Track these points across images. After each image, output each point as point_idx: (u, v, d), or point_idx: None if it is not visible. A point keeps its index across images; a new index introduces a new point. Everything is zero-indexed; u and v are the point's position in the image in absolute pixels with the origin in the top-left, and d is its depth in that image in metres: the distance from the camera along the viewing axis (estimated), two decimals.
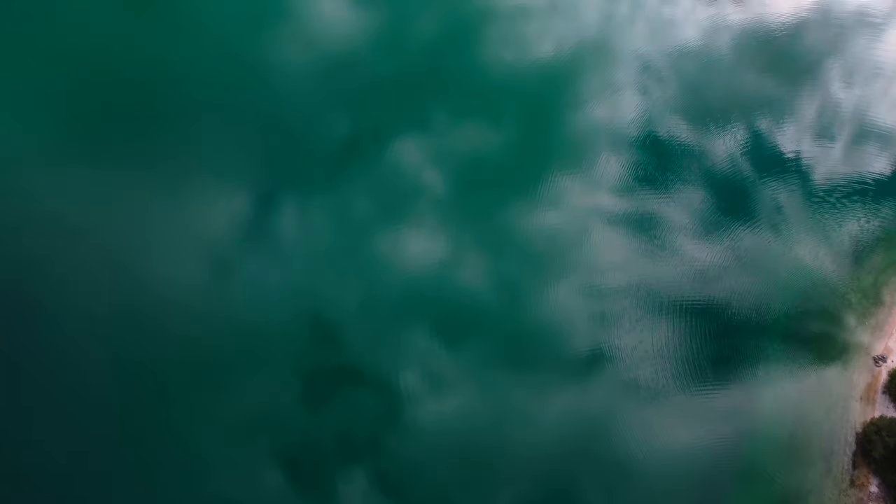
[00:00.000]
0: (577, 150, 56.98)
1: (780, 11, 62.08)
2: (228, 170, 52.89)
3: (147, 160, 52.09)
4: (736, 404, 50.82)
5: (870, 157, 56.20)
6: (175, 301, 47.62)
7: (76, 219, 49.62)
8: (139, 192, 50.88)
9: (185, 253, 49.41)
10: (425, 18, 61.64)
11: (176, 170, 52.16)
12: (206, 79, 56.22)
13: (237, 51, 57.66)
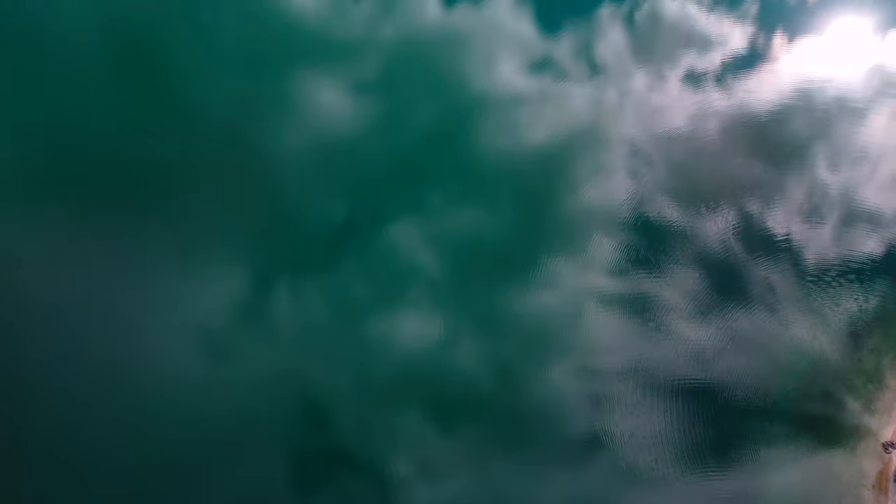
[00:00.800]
0: (571, 232, 58.16)
1: (764, 98, 64.59)
2: (222, 251, 54.30)
3: (140, 240, 53.65)
4: (740, 491, 49.49)
5: (860, 238, 56.83)
6: (163, 383, 47.90)
7: (63, 298, 50.68)
8: (130, 272, 52.13)
9: (175, 333, 50.07)
10: (423, 107, 64.60)
11: (169, 250, 53.58)
12: (203, 161, 58.60)
13: (235, 134, 60.36)
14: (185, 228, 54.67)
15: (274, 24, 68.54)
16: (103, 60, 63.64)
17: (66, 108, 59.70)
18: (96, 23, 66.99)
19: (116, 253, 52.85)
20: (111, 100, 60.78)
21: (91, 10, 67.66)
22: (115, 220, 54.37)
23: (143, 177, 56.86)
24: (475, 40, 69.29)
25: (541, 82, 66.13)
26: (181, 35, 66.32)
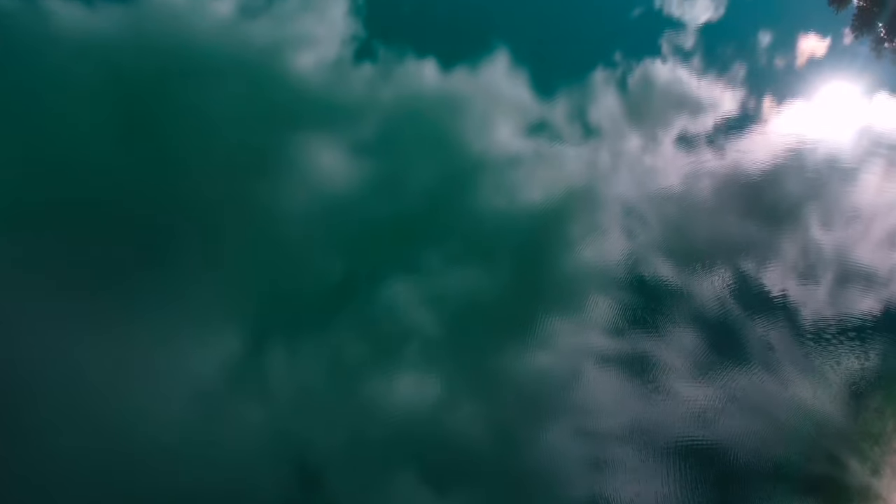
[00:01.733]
0: (567, 292, 58.37)
1: (757, 158, 66.02)
2: (216, 309, 54.44)
3: (129, 298, 53.96)
4: None
5: (857, 297, 56.97)
6: (154, 444, 47.42)
7: (53, 356, 50.75)
8: (118, 330, 52.19)
9: (167, 393, 49.73)
10: (420, 168, 65.88)
11: (160, 309, 53.75)
12: (198, 220, 59.38)
13: (232, 193, 61.40)
14: (178, 287, 54.98)
15: (273, 87, 70.91)
16: (100, 117, 65.53)
17: (63, 165, 61.13)
18: (96, 80, 69.41)
19: (106, 311, 53.12)
20: (108, 156, 62.12)
21: (91, 68, 70.20)
22: (105, 278, 54.89)
23: (137, 234, 57.65)
24: (472, 104, 71.50)
25: (536, 144, 67.72)
26: (180, 95, 68.57)
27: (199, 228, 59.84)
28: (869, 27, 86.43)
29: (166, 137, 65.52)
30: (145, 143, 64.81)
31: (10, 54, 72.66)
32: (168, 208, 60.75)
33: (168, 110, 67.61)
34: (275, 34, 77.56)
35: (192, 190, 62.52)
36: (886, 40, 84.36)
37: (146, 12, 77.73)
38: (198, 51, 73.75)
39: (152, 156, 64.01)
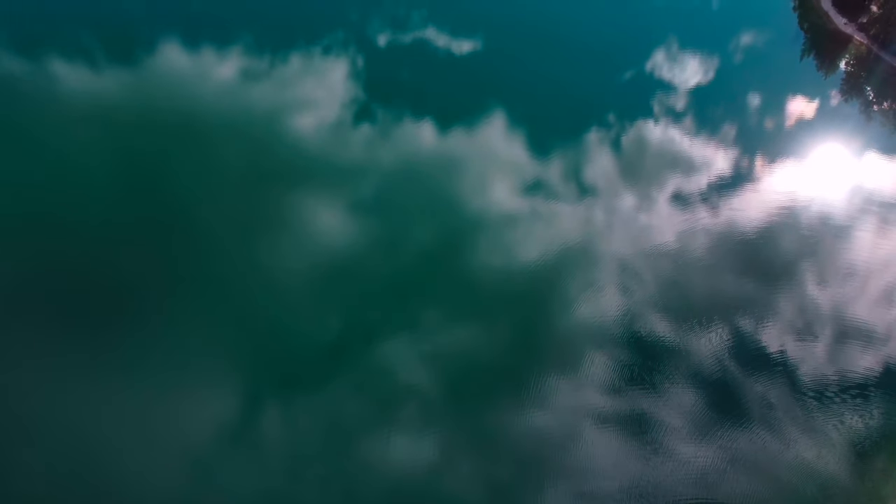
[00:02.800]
0: (564, 350, 58.36)
1: (750, 216, 67.17)
2: (211, 369, 54.47)
3: (125, 357, 54.18)
4: None
5: (855, 355, 56.82)
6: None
7: (38, 414, 50.52)
8: (113, 389, 52.23)
9: (158, 454, 49.30)
10: (418, 227, 67.07)
11: (156, 367, 53.86)
12: (196, 278, 60.19)
13: (229, 251, 62.40)
14: (174, 345, 55.30)
15: (274, 148, 72.88)
16: (103, 177, 67.58)
17: (65, 223, 62.59)
18: (99, 143, 71.43)
19: (101, 369, 53.34)
20: (110, 215, 63.90)
21: (95, 132, 72.40)
22: (102, 335, 55.29)
23: (135, 292, 58.33)
24: (469, 164, 73.24)
25: (533, 203, 69.12)
26: (182, 157, 70.49)
27: (198, 288, 60.45)
28: (857, 91, 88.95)
29: (167, 198, 66.98)
30: (147, 203, 66.27)
31: (18, 116, 74.99)
32: (168, 267, 61.63)
33: (170, 171, 69.35)
34: (276, 98, 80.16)
35: (191, 249, 63.45)
36: (875, 103, 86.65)
37: (150, 77, 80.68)
38: (200, 113, 76.13)
39: (153, 216, 65.29)
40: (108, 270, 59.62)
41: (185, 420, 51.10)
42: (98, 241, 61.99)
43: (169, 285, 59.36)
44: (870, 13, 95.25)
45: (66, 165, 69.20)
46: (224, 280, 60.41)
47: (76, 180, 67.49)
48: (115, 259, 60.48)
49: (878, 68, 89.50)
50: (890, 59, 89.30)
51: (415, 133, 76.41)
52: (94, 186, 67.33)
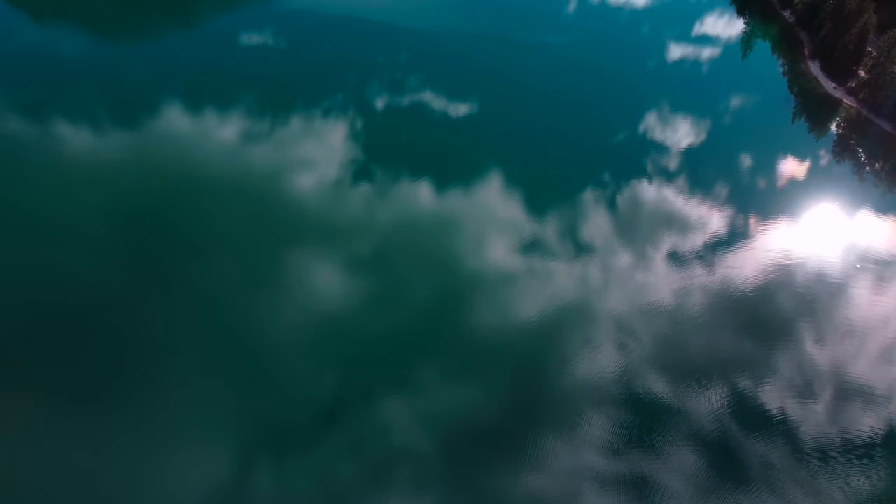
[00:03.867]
0: (562, 410, 57.80)
1: (746, 274, 67.62)
2: (208, 429, 53.91)
3: (122, 414, 53.75)
4: None
5: (857, 414, 56.18)
6: None
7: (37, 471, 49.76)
8: (110, 446, 51.59)
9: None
10: (416, 285, 67.44)
11: (151, 423, 53.37)
12: (195, 337, 60.25)
13: (227, 308, 62.65)
14: (170, 402, 54.96)
15: (274, 208, 74.06)
16: (104, 238, 68.69)
17: (66, 280, 63.19)
18: (103, 204, 72.73)
19: (98, 426, 52.89)
20: (113, 275, 64.58)
21: (102, 194, 73.80)
22: (100, 394, 55.03)
23: (132, 350, 58.37)
24: (466, 222, 74.20)
25: (529, 261, 69.64)
26: (182, 217, 71.66)
27: (194, 346, 60.47)
28: (849, 152, 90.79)
29: (167, 257, 67.94)
30: (146, 261, 67.19)
31: (21, 177, 76.63)
32: (166, 326, 61.85)
33: (170, 231, 70.54)
34: (276, 158, 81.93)
35: (190, 307, 63.89)
36: (867, 164, 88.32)
37: (153, 139, 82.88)
38: (201, 175, 77.78)
39: (153, 273, 66.10)
40: (107, 326, 59.99)
41: (176, 481, 50.29)
42: (97, 297, 62.62)
43: (165, 343, 59.45)
44: (858, 78, 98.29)
45: (67, 224, 70.51)
46: (221, 337, 60.50)
47: (76, 240, 68.70)
48: (114, 315, 60.97)
49: (869, 131, 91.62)
50: (880, 122, 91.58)
51: (412, 192, 77.73)
52: (95, 244, 68.50)
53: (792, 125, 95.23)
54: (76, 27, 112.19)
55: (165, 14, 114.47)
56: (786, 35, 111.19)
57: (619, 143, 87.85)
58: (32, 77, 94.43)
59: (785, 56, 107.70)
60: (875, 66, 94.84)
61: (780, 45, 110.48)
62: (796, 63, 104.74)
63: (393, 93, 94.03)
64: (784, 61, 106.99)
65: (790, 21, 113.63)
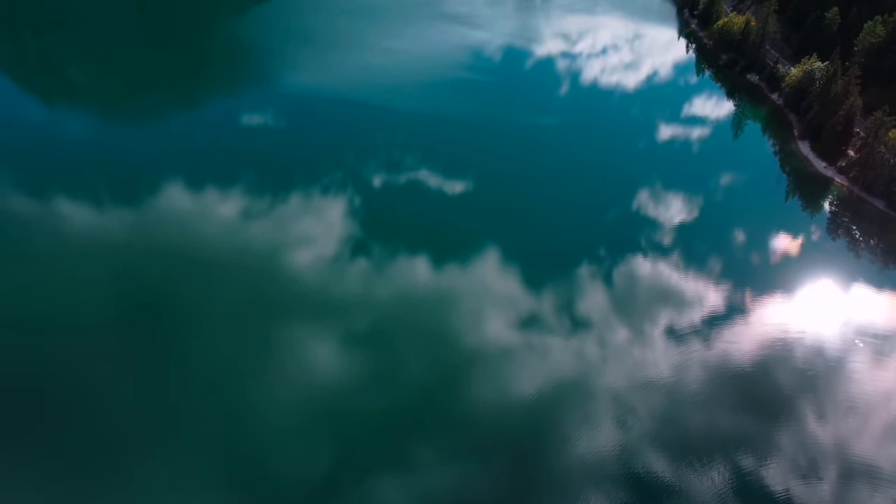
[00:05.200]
0: (562, 489, 56.84)
1: (745, 349, 67.88)
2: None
3: (117, 489, 53.09)
4: None
5: (862, 495, 55.01)
6: None
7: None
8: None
9: None
10: (413, 362, 67.62)
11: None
12: (189, 414, 60.09)
13: (223, 388, 62.54)
14: (163, 480, 54.33)
15: (272, 284, 75.06)
16: (103, 315, 69.50)
17: (62, 356, 63.61)
18: (105, 281, 73.94)
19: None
20: (109, 351, 65.09)
21: (100, 271, 75.10)
22: (93, 469, 54.49)
23: (127, 426, 58.19)
24: (463, 298, 74.97)
25: (527, 337, 70.00)
26: (182, 294, 72.64)
27: (189, 424, 60.24)
28: (844, 230, 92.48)
29: (164, 333, 68.69)
30: (144, 338, 68.04)
31: (22, 254, 78.25)
32: (160, 402, 61.84)
33: (167, 308, 71.58)
34: (275, 236, 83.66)
35: (185, 384, 64.07)
36: (862, 242, 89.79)
37: (153, 217, 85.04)
38: (199, 252, 79.33)
39: (150, 351, 66.81)
40: (101, 402, 60.13)
41: None
42: (92, 372, 63.05)
43: (160, 420, 59.42)
44: (847, 157, 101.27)
45: (65, 301, 71.61)
46: (216, 415, 60.40)
47: (74, 316, 69.65)
48: (109, 391, 61.25)
49: (863, 209, 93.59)
50: (873, 200, 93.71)
51: (409, 268, 78.94)
52: (92, 321, 69.40)
53: (786, 203, 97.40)
54: (85, 109, 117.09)
55: (171, 97, 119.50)
56: (775, 116, 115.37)
57: (615, 220, 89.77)
58: (38, 157, 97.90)
59: (775, 136, 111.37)
60: (864, 146, 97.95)
61: (770, 126, 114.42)
62: (787, 143, 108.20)
63: (390, 171, 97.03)
64: (775, 141, 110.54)
65: (779, 103, 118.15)
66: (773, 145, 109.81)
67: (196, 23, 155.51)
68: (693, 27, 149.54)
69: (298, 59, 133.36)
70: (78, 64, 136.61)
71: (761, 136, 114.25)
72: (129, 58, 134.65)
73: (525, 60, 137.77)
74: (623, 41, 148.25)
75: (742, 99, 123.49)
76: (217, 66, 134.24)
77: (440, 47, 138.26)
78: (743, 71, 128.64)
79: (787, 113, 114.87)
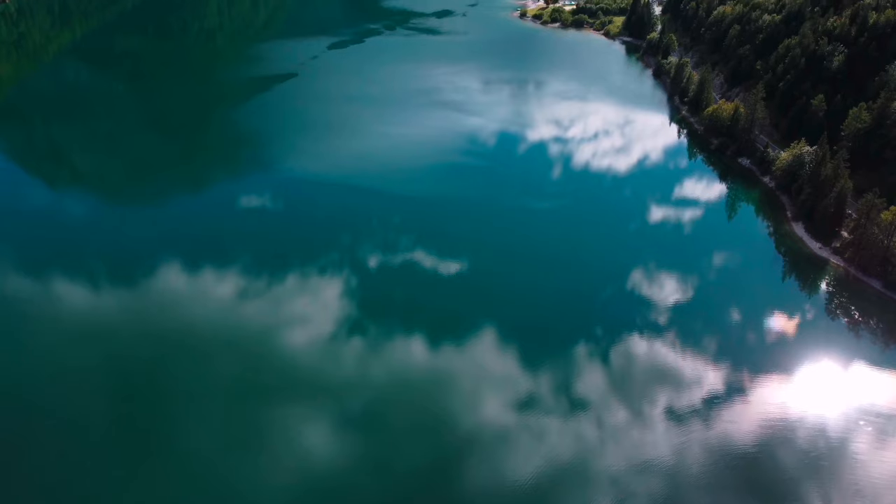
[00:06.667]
0: None
1: (746, 430, 67.67)
2: None
3: None
4: None
5: None
6: None
7: None
8: None
9: None
10: (409, 445, 67.40)
11: None
12: (180, 497, 59.29)
13: (214, 470, 61.99)
14: None
15: (266, 365, 75.43)
16: (101, 393, 69.84)
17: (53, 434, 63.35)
18: (95, 365, 74.44)
19: None
20: (100, 430, 65.20)
21: (94, 356, 75.72)
22: None
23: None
24: (459, 380, 75.20)
25: (524, 418, 70.02)
26: (175, 376, 73.07)
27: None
28: (842, 310, 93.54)
29: (156, 414, 68.80)
30: (136, 418, 68.09)
31: (15, 339, 79.21)
32: (151, 484, 61.33)
33: (160, 389, 72.17)
34: (271, 317, 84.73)
35: (176, 465, 63.85)
36: (861, 322, 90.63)
37: (149, 297, 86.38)
38: (194, 332, 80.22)
39: (142, 431, 66.79)
40: (91, 482, 59.60)
41: None
42: (82, 451, 62.83)
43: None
44: (841, 238, 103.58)
45: (58, 379, 72.10)
46: (206, 498, 59.55)
47: (67, 393, 70.07)
48: (98, 471, 60.95)
49: (860, 289, 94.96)
50: (869, 280, 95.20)
51: (405, 350, 79.62)
52: (85, 399, 69.81)
53: (783, 283, 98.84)
54: (87, 194, 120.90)
55: (173, 181, 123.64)
56: (768, 199, 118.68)
57: (611, 300, 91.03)
58: (38, 241, 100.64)
59: (769, 218, 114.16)
60: (856, 227, 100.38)
61: (763, 208, 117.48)
62: (781, 224, 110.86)
63: (385, 253, 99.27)
64: (769, 223, 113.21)
65: (771, 186, 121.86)
66: (768, 226, 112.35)
67: (199, 110, 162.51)
68: (684, 113, 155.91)
69: (298, 145, 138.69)
70: (83, 149, 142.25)
71: (755, 217, 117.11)
72: (132, 143, 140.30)
73: (518, 145, 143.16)
74: (615, 126, 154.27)
75: (735, 182, 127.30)
76: (218, 152, 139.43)
77: (436, 132, 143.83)
78: (734, 155, 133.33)
79: (780, 195, 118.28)
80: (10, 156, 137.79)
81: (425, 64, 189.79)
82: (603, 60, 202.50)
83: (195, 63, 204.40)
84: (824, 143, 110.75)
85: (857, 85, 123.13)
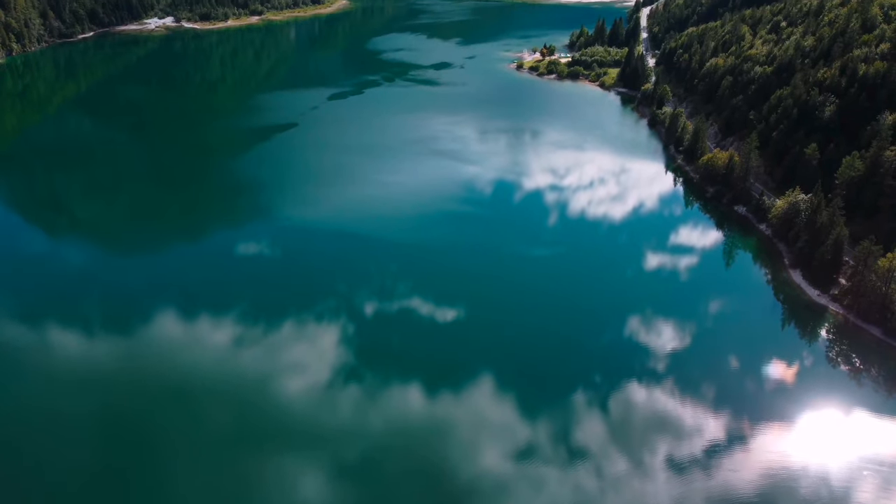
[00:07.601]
0: None
1: (747, 478, 66.97)
2: None
3: None
4: None
5: None
6: None
7: None
8: None
9: None
10: (405, 494, 66.92)
11: None
12: None
13: None
14: None
15: (261, 414, 74.96)
16: (92, 451, 69.41)
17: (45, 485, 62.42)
18: (90, 415, 74.01)
19: None
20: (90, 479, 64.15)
21: (87, 405, 75.32)
22: None
23: None
24: (457, 428, 74.68)
25: (522, 468, 69.43)
26: (169, 427, 72.61)
27: None
28: (843, 357, 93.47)
29: (151, 468, 68.29)
30: (129, 469, 67.29)
31: (6, 384, 78.89)
32: None
33: (156, 442, 71.76)
34: (266, 365, 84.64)
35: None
36: (862, 370, 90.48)
37: (144, 345, 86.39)
38: (189, 383, 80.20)
39: (134, 481, 65.85)
40: None
41: None
42: None
43: None
44: (840, 285, 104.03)
45: (50, 428, 71.52)
46: None
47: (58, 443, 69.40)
48: None
49: (860, 336, 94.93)
50: (869, 328, 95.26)
51: (402, 399, 79.35)
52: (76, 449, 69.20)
53: (782, 331, 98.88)
54: (85, 242, 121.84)
55: (173, 230, 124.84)
56: (765, 246, 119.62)
57: (609, 348, 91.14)
58: (34, 289, 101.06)
59: (766, 265, 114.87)
60: (854, 274, 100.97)
61: (760, 256, 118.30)
62: (778, 272, 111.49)
63: (382, 300, 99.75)
64: (766, 270, 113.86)
65: (767, 233, 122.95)
66: (766, 274, 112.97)
67: (199, 159, 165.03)
68: (679, 162, 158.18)
69: (296, 193, 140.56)
70: (83, 198, 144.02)
71: (752, 264, 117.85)
72: (132, 192, 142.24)
73: (515, 193, 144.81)
74: (611, 175, 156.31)
75: (731, 229, 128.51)
76: (217, 200, 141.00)
77: (433, 181, 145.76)
78: (730, 203, 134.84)
79: (777, 242, 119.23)
80: (11, 204, 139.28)
81: (423, 114, 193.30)
82: (598, 111, 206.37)
83: (197, 113, 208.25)
84: (819, 191, 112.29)
85: (849, 134, 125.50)
